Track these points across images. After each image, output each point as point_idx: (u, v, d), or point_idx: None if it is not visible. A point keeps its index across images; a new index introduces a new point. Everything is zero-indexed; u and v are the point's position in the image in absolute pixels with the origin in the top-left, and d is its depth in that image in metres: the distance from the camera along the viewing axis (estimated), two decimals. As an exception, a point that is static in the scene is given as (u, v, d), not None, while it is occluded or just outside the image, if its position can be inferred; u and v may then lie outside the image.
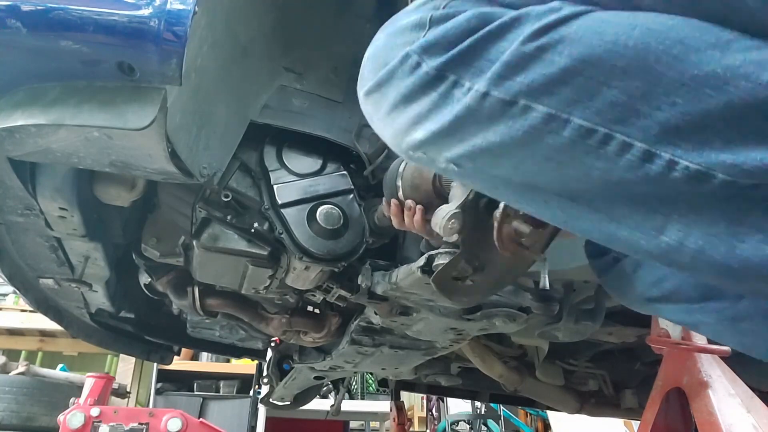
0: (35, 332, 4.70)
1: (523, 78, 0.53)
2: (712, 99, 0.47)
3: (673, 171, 0.48)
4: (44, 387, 3.63)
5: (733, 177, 0.47)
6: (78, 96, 0.92)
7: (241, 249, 1.31)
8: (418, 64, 0.60)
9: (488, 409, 5.09)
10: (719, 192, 0.48)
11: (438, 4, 0.61)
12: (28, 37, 0.87)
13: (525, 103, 0.53)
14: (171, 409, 2.86)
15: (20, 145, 0.99)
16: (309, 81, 1.34)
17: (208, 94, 1.08)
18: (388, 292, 1.27)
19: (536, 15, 0.55)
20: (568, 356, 2.09)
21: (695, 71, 0.48)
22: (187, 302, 1.59)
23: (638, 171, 0.50)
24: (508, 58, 0.54)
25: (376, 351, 1.68)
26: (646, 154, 0.49)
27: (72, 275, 1.58)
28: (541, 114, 0.53)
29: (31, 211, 1.29)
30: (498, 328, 1.48)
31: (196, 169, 1.10)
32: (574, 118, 0.52)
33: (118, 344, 2.20)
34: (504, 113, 0.55)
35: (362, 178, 1.36)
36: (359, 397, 5.49)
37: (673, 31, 0.50)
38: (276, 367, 2.20)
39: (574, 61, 0.51)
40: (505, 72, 0.54)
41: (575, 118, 0.52)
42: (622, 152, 0.50)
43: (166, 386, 4.46)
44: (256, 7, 1.15)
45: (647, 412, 1.27)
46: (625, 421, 3.58)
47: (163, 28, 0.86)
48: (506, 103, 0.54)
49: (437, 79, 0.59)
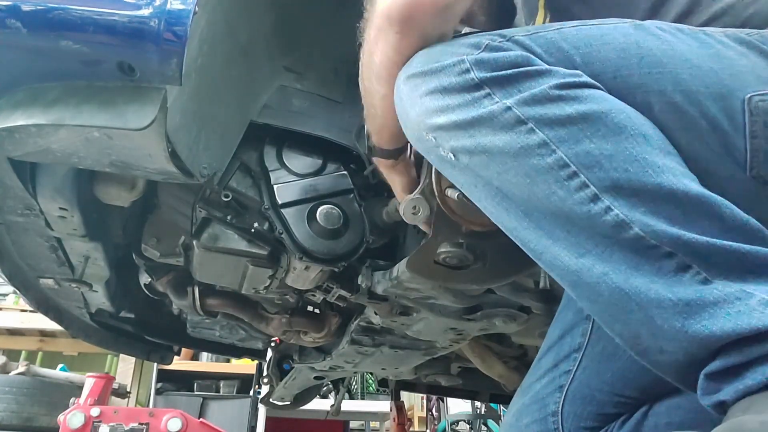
0: (35, 332, 4.70)
1: (539, 110, 0.70)
2: (651, 178, 0.66)
3: (607, 215, 0.65)
4: (44, 387, 3.63)
5: (644, 233, 0.64)
6: (78, 96, 0.92)
7: (241, 249, 1.31)
8: (467, 70, 0.74)
9: (488, 409, 5.09)
10: (630, 243, 0.64)
11: (494, 38, 0.77)
12: (28, 37, 0.87)
13: (532, 126, 0.69)
14: (171, 409, 2.86)
15: (20, 145, 0.99)
16: (309, 81, 1.34)
17: (208, 94, 1.08)
18: (389, 290, 1.28)
19: (563, 74, 0.73)
20: (568, 356, 2.08)
21: (646, 156, 0.67)
22: (187, 302, 1.59)
23: (584, 207, 0.66)
24: (536, 92, 0.71)
25: (376, 351, 1.68)
26: (594, 196, 0.66)
27: (72, 275, 1.58)
28: (539, 139, 0.69)
29: (31, 211, 1.29)
30: (498, 328, 1.48)
31: (196, 169, 1.10)
32: (559, 151, 0.68)
33: (118, 344, 2.20)
34: (514, 128, 0.70)
35: (362, 178, 1.36)
36: (359, 397, 5.49)
37: (643, 128, 0.70)
38: (276, 367, 2.20)
39: (577, 115, 0.69)
40: (529, 100, 0.71)
41: (560, 151, 0.68)
42: (579, 189, 0.67)
43: (166, 386, 4.46)
44: (256, 7, 1.15)
45: (647, 412, 1.27)
46: (625, 421, 3.57)
47: (163, 28, 0.86)
48: (520, 120, 0.70)
49: (476, 87, 0.73)
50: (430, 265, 1.04)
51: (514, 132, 0.70)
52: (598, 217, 0.66)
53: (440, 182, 0.94)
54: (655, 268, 0.63)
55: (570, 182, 0.67)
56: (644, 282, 0.63)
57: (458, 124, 0.73)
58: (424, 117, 0.76)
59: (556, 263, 0.70)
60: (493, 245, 1.03)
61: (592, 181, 0.66)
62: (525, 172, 0.69)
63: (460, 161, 0.74)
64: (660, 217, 0.64)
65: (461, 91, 0.73)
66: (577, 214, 0.67)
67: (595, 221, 0.66)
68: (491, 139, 0.71)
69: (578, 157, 0.67)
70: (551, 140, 0.68)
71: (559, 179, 0.67)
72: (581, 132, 0.68)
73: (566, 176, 0.67)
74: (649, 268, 0.64)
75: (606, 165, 0.67)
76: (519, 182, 0.70)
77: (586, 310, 0.76)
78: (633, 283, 0.64)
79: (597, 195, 0.66)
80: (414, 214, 0.97)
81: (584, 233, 0.67)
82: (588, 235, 0.67)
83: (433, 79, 0.75)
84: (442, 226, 1.00)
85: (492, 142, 0.70)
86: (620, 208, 0.65)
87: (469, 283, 1.08)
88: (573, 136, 0.68)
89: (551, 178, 0.68)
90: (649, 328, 0.64)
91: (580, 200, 0.66)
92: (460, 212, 0.96)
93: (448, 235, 1.00)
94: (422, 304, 1.38)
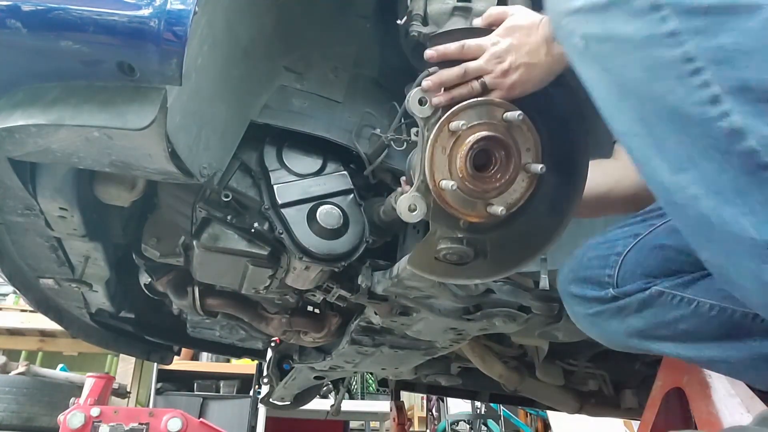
0: (35, 332, 4.70)
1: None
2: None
3: (722, 120, 0.59)
4: (44, 387, 3.63)
5: (759, 147, 0.57)
6: (78, 96, 0.92)
7: (241, 249, 1.31)
8: None
9: (488, 409, 5.09)
10: (739, 157, 0.58)
11: None
12: (28, 37, 0.87)
13: (666, 14, 0.63)
14: (171, 409, 2.86)
15: (20, 145, 0.99)
16: (309, 81, 1.34)
17: (208, 94, 1.08)
18: (389, 289, 1.28)
19: None
20: (568, 356, 2.09)
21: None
22: (187, 302, 1.59)
23: (700, 108, 0.60)
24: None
25: (376, 351, 1.68)
26: (714, 98, 0.59)
27: (72, 275, 1.58)
28: (670, 28, 0.62)
29: (31, 211, 1.29)
30: (498, 328, 1.48)
31: (196, 169, 1.10)
32: (688, 43, 0.61)
33: (118, 344, 2.20)
34: (646, 14, 0.64)
35: (362, 178, 1.36)
36: (359, 397, 5.50)
37: None
38: (276, 367, 2.20)
39: (722, 5, 0.61)
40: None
41: (689, 44, 0.61)
42: (700, 88, 0.60)
43: (166, 386, 4.46)
44: (256, 7, 1.15)
45: (647, 412, 1.27)
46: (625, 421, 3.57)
47: (163, 28, 0.85)
48: (655, 6, 0.63)
49: None
50: (432, 261, 1.04)
51: (645, 18, 0.64)
52: (713, 122, 0.59)
53: (434, 175, 0.94)
54: (766, 196, 0.58)
55: (692, 79, 0.61)
56: (733, 213, 0.59)
57: (593, 8, 0.68)
58: (563, 1, 0.72)
59: (653, 176, 0.66)
60: (493, 238, 1.03)
61: (717, 78, 0.60)
62: (647, 65, 0.64)
63: (589, 50, 0.69)
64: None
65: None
66: (692, 117, 0.61)
67: (709, 127, 0.60)
68: (620, 26, 0.66)
69: (708, 51, 0.60)
70: (683, 30, 0.62)
71: (682, 75, 0.61)
72: (721, 24, 0.61)
73: (689, 72, 0.61)
74: (759, 195, 0.58)
75: (739, 62, 0.59)
76: (639, 77, 0.65)
77: (679, 229, 0.71)
78: (721, 213, 0.60)
79: (718, 96, 0.59)
80: (411, 212, 0.97)
81: (696, 142, 0.61)
82: (699, 144, 0.61)
83: None
84: (440, 221, 1.00)
85: (620, 28, 0.66)
86: (740, 113, 0.58)
87: (472, 278, 1.08)
88: (710, 27, 0.61)
89: (673, 74, 0.62)
90: (730, 262, 0.61)
91: (698, 100, 0.60)
92: (457, 204, 0.96)
93: (446, 230, 1.01)
94: (422, 304, 1.38)
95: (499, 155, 0.95)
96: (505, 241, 1.03)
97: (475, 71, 0.95)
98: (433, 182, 0.95)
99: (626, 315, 0.94)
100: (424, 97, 0.96)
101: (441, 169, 0.95)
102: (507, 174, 0.95)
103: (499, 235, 1.03)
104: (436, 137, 0.94)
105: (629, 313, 0.93)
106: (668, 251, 0.91)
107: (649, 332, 0.92)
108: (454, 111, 0.94)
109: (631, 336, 0.94)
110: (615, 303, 0.95)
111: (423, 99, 0.96)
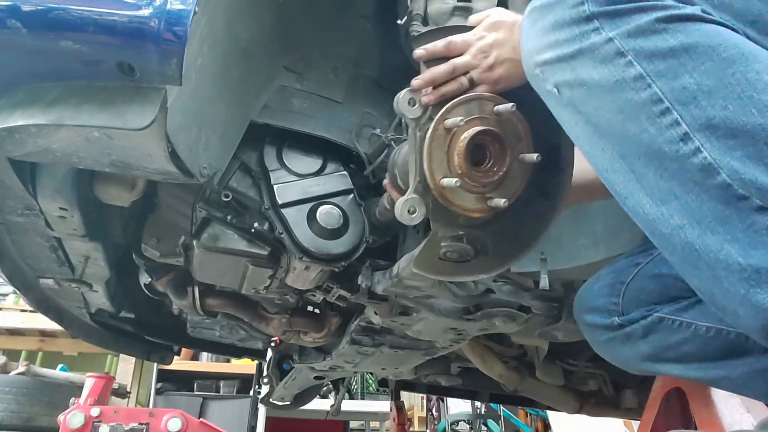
0: (35, 332, 4.70)
1: (641, 42, 0.67)
2: (753, 118, 0.60)
3: (694, 156, 0.62)
4: (44, 387, 3.63)
5: (731, 181, 0.60)
6: (78, 96, 0.92)
7: (241, 249, 1.31)
8: (582, 2, 0.71)
9: (488, 409, 5.09)
10: (716, 190, 0.61)
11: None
12: (28, 37, 0.87)
13: (630, 59, 0.67)
14: (171, 409, 2.86)
15: (20, 145, 0.99)
16: (309, 81, 1.34)
17: (208, 94, 1.08)
18: (389, 289, 1.27)
19: (677, 6, 0.68)
20: (568, 356, 2.09)
21: (753, 93, 0.61)
22: (187, 302, 1.59)
23: (673, 146, 0.63)
24: (641, 23, 0.67)
25: (376, 351, 1.68)
26: (685, 135, 0.62)
27: (72, 275, 1.58)
28: (636, 73, 0.66)
29: (31, 211, 1.29)
30: (498, 328, 1.48)
31: (196, 169, 1.10)
32: (654, 86, 0.65)
33: (118, 344, 2.20)
34: (612, 60, 0.68)
35: (362, 178, 1.36)
36: (359, 397, 5.50)
37: (758, 61, 0.64)
38: (276, 367, 2.20)
39: (680, 47, 0.65)
40: (632, 32, 0.68)
41: (655, 86, 0.65)
42: (670, 127, 0.63)
43: (166, 386, 4.46)
44: (256, 7, 1.15)
45: (647, 412, 1.27)
46: (625, 421, 3.57)
47: (163, 28, 0.86)
48: (619, 52, 0.67)
49: (587, 20, 0.71)
50: (436, 262, 1.03)
51: (612, 64, 0.68)
52: (686, 158, 0.62)
53: (433, 175, 0.94)
54: (746, 224, 0.59)
55: (662, 119, 0.64)
56: (717, 241, 0.61)
57: (562, 59, 0.72)
58: (534, 52, 0.77)
59: (637, 209, 0.68)
60: (492, 232, 1.03)
61: (684, 118, 0.63)
62: (619, 107, 0.67)
63: (563, 96, 0.73)
64: (758, 163, 0.59)
65: (571, 25, 0.72)
66: (667, 154, 0.64)
67: (684, 163, 0.63)
68: (589, 72, 0.69)
69: (674, 92, 0.64)
70: (648, 74, 0.65)
71: (651, 115, 0.65)
72: (682, 66, 0.64)
73: (659, 112, 0.64)
74: (739, 224, 0.60)
75: (703, 102, 0.62)
76: (613, 119, 0.68)
77: (668, 258, 0.73)
78: (705, 241, 0.62)
79: (688, 134, 0.62)
80: (411, 215, 0.97)
81: (674, 177, 0.64)
82: (677, 178, 0.64)
83: (551, 13, 0.75)
84: (440, 220, 1.00)
85: (590, 75, 0.69)
86: (710, 150, 0.61)
87: (477, 273, 1.08)
88: (672, 69, 0.65)
89: (643, 115, 0.65)
90: (719, 289, 0.62)
91: (670, 138, 0.63)
92: (459, 201, 0.96)
93: (447, 228, 1.00)
94: (422, 304, 1.38)
95: (493, 148, 0.95)
96: (503, 233, 1.03)
97: (463, 67, 0.96)
98: (433, 181, 0.95)
99: (634, 341, 0.97)
100: (413, 97, 0.96)
101: (440, 168, 0.94)
102: (504, 166, 0.95)
103: (497, 228, 1.03)
104: (433, 136, 0.94)
105: (636, 339, 0.96)
106: (666, 279, 0.95)
107: (657, 356, 0.95)
108: (447, 108, 0.94)
109: (644, 360, 0.97)
110: (622, 330, 0.98)
111: (412, 99, 0.96)
